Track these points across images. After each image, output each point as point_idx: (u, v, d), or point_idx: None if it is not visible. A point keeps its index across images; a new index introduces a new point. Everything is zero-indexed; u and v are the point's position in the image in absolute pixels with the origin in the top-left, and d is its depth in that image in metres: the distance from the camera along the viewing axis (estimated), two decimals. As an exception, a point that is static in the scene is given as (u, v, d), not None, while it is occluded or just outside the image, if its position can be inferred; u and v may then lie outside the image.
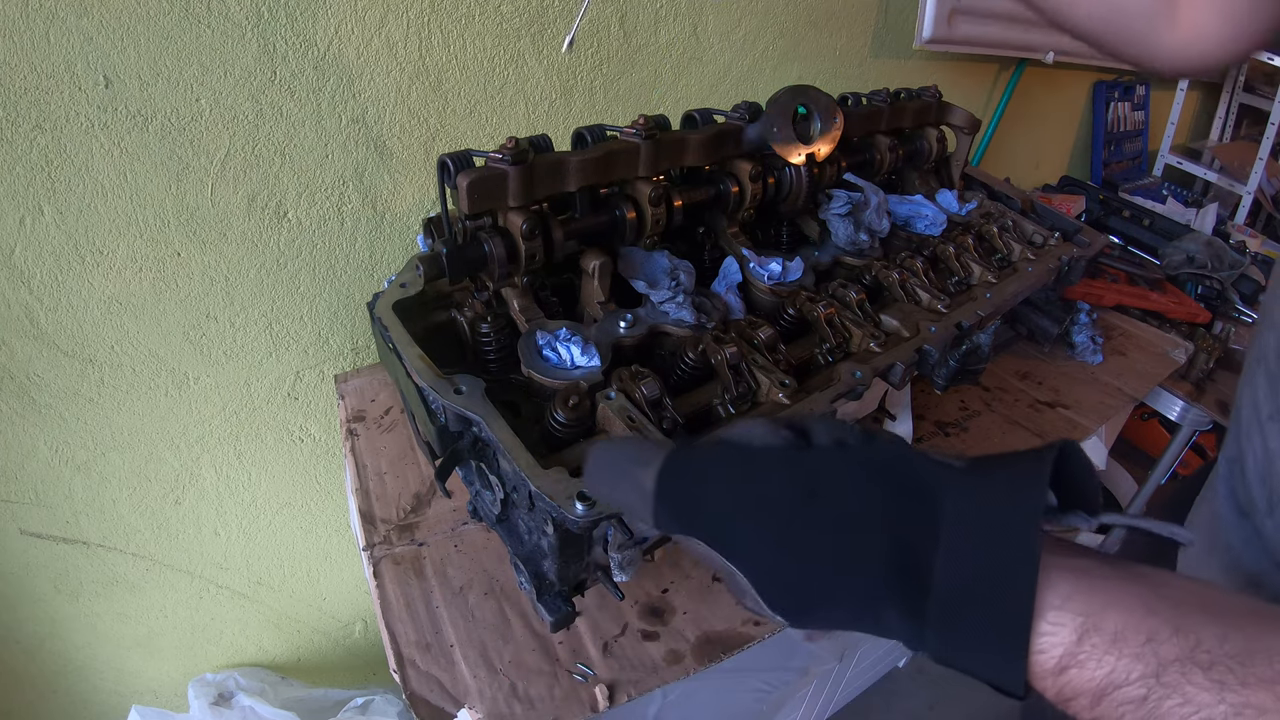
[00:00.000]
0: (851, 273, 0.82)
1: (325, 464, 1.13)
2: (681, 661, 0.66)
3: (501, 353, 0.65)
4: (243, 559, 1.15)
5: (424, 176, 0.97)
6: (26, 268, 0.78)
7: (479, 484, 0.64)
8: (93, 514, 0.98)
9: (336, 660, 1.36)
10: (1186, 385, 1.22)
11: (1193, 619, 0.24)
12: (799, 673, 0.98)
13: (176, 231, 0.84)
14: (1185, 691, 0.23)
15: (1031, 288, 0.87)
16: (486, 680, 0.63)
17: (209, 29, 0.76)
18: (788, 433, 0.33)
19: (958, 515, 0.27)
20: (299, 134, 0.86)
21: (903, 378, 0.69)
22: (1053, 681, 0.25)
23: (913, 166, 1.00)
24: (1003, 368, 1.10)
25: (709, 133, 0.73)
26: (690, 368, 0.64)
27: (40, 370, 0.84)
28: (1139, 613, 0.24)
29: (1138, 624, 0.24)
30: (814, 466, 0.31)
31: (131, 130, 0.77)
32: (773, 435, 0.33)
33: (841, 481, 0.30)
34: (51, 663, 1.08)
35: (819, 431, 0.33)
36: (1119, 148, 2.19)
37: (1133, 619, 0.24)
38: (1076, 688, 0.24)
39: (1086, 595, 0.25)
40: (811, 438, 0.33)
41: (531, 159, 0.62)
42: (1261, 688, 0.22)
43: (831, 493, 0.29)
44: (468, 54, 0.92)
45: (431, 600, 0.70)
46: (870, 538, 0.28)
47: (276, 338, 0.98)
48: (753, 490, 0.31)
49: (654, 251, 0.73)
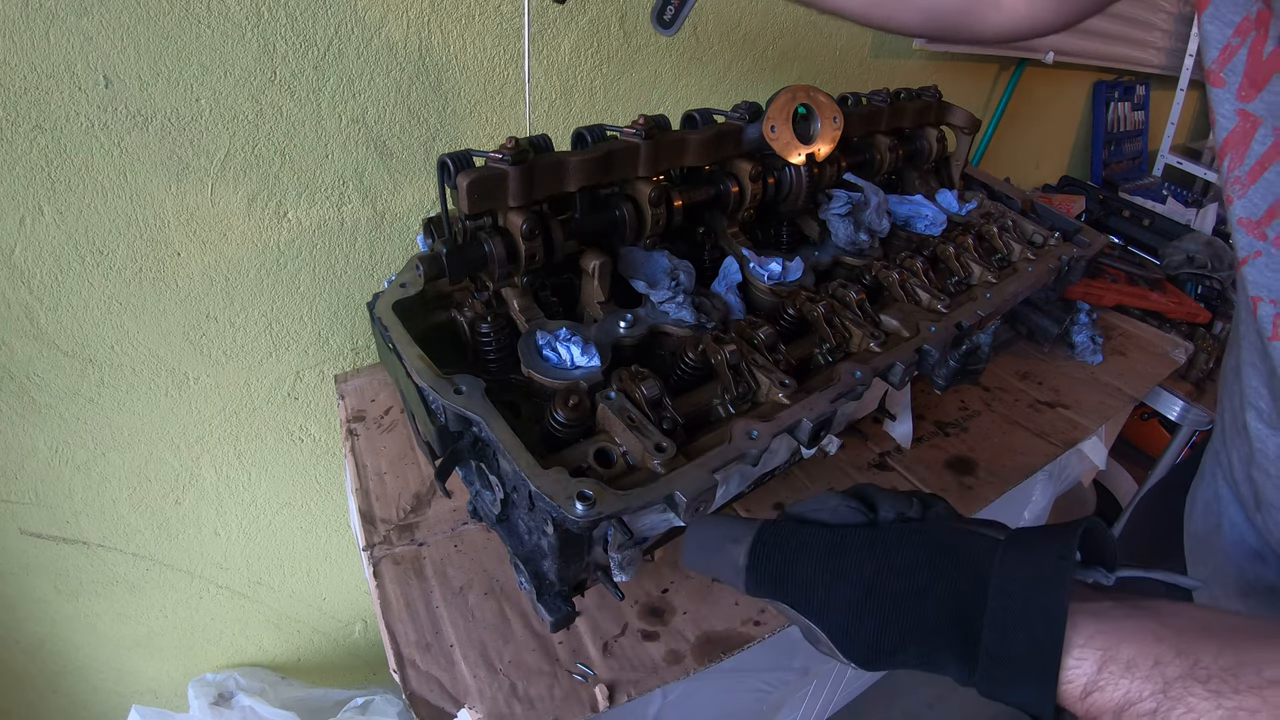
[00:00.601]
0: (851, 273, 0.82)
1: (325, 464, 1.13)
2: (681, 661, 0.66)
3: (501, 353, 0.65)
4: (243, 559, 1.15)
5: (424, 176, 0.97)
6: (26, 268, 0.78)
7: (479, 484, 0.64)
8: (93, 514, 0.98)
9: (336, 660, 1.36)
10: (1186, 385, 1.22)
11: (1193, 641, 0.29)
12: (799, 673, 0.98)
13: (176, 231, 0.84)
14: (1188, 702, 0.28)
15: (1031, 288, 0.87)
16: (486, 680, 0.63)
17: (209, 29, 0.76)
18: (857, 504, 0.39)
19: (1002, 583, 0.33)
20: (299, 134, 0.86)
21: (903, 378, 0.69)
22: (1079, 705, 0.31)
23: (913, 166, 1.00)
24: (1003, 368, 1.10)
25: (709, 133, 0.73)
26: (690, 368, 0.64)
27: (40, 370, 0.84)
28: (1148, 642, 0.30)
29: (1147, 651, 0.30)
30: (883, 545, 0.37)
31: (131, 130, 0.77)
32: (844, 509, 0.39)
33: (906, 558, 0.36)
34: (51, 663, 1.08)
35: (883, 504, 0.39)
36: (1119, 148, 2.19)
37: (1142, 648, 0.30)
38: (1100, 708, 0.31)
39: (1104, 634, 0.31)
40: (877, 510, 0.39)
41: (531, 159, 0.62)
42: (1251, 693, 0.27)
43: (899, 568, 0.36)
44: (468, 54, 0.92)
45: (431, 600, 0.70)
46: (931, 604, 0.34)
47: (276, 338, 0.98)
48: (833, 565, 0.37)
49: (654, 251, 0.73)
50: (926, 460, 0.91)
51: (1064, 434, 0.97)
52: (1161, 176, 2.23)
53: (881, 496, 0.40)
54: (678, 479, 0.52)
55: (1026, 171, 2.01)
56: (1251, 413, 0.63)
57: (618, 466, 0.54)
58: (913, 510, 0.39)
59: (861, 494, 0.40)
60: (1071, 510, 1.74)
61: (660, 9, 0.65)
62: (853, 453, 0.91)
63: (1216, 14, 0.54)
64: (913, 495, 0.40)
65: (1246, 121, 0.53)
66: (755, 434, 0.57)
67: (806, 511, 0.40)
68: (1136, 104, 2.19)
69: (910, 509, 0.39)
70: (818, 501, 0.40)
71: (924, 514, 0.39)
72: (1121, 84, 2.11)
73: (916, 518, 0.39)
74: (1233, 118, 0.54)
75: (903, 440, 0.92)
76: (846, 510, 0.39)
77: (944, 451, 0.93)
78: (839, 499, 0.40)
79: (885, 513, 0.39)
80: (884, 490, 0.40)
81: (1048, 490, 1.13)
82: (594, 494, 0.49)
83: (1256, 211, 0.54)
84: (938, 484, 0.87)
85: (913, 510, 0.39)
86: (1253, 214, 0.54)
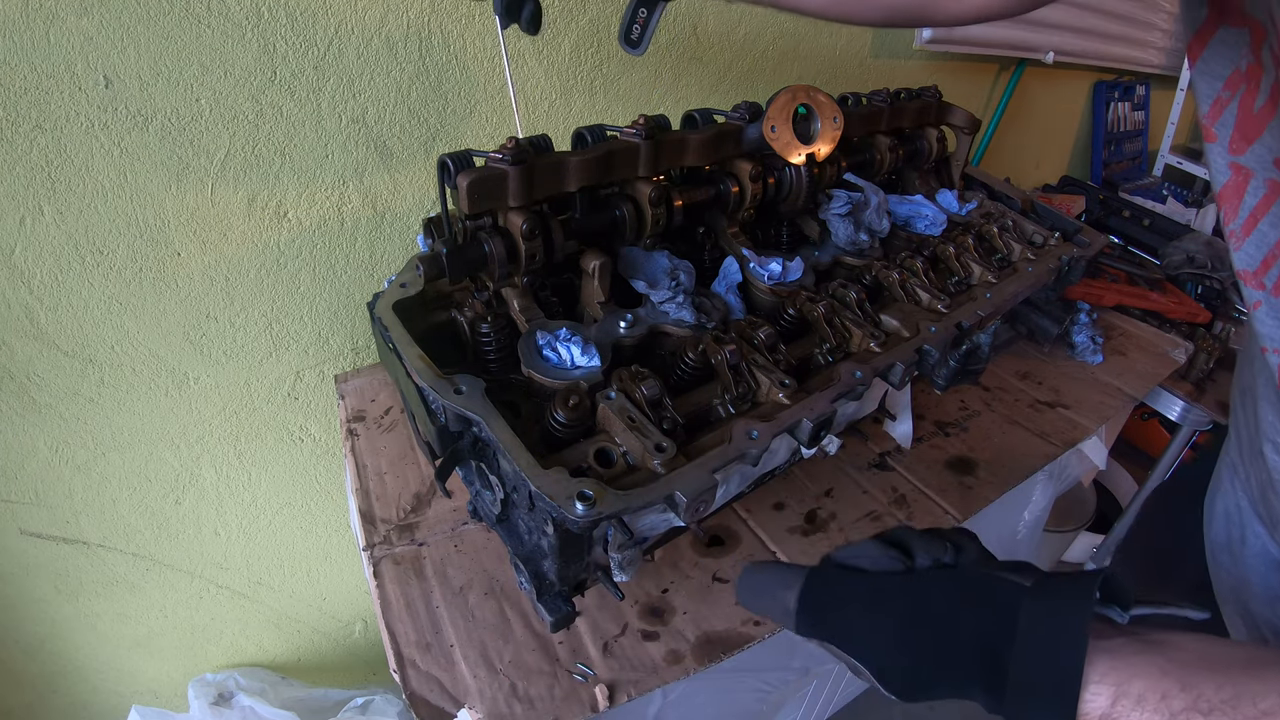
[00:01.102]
0: (851, 273, 0.82)
1: (325, 464, 1.13)
2: (681, 661, 0.66)
3: (501, 353, 0.65)
4: (243, 559, 1.15)
5: (424, 176, 0.97)
6: (26, 268, 0.78)
7: (479, 484, 0.64)
8: (93, 514, 0.98)
9: (336, 660, 1.36)
10: (1186, 385, 1.22)
11: (1196, 675, 0.33)
12: (799, 673, 0.98)
13: (176, 231, 0.84)
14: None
15: (1031, 288, 0.87)
16: (486, 680, 0.63)
17: (209, 29, 0.76)
18: (895, 552, 0.43)
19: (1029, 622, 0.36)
20: (299, 134, 0.86)
21: (903, 378, 0.69)
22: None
23: (913, 166, 1.00)
24: (1003, 368, 1.10)
25: (709, 133, 0.73)
26: (690, 368, 0.64)
27: (40, 370, 0.84)
28: (1155, 677, 0.34)
29: (1154, 686, 0.33)
30: (919, 591, 0.41)
31: (131, 130, 0.77)
32: (884, 559, 0.42)
33: (941, 602, 0.40)
34: (51, 663, 1.08)
35: (919, 551, 0.43)
36: (1119, 148, 2.19)
37: (1151, 683, 0.33)
38: None
39: (1117, 670, 0.34)
40: (914, 555, 0.43)
41: (531, 159, 0.62)
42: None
43: (934, 612, 0.40)
44: (468, 54, 0.92)
45: (431, 600, 0.70)
46: (964, 642, 0.38)
47: (276, 338, 0.98)
48: (874, 610, 0.41)
49: (654, 251, 0.73)
50: (926, 460, 0.91)
51: (1064, 434, 0.97)
52: (1161, 176, 2.23)
53: (917, 542, 0.43)
54: (678, 479, 0.52)
55: (1026, 171, 2.01)
56: (1269, 445, 0.65)
57: (618, 466, 0.54)
58: (946, 555, 0.43)
59: (899, 540, 0.44)
60: (1072, 510, 1.74)
61: (626, 29, 0.65)
62: (853, 453, 0.91)
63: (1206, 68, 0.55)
64: (946, 539, 0.43)
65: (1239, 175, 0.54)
66: (755, 434, 0.57)
67: (849, 558, 0.44)
68: (1136, 104, 2.19)
69: (944, 554, 0.43)
70: (860, 549, 0.44)
71: (956, 558, 0.43)
72: (1121, 84, 2.11)
73: (950, 563, 0.42)
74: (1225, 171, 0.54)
75: (903, 440, 0.92)
76: (886, 559, 0.43)
77: (944, 451, 0.93)
78: (879, 548, 0.43)
79: (921, 559, 0.43)
80: (919, 534, 0.44)
81: (1048, 490, 1.13)
82: (594, 494, 0.49)
83: (1253, 262, 0.55)
84: (938, 484, 0.87)
85: (946, 555, 0.43)
86: (1250, 265, 0.55)
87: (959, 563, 0.42)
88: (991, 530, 1.11)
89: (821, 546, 0.78)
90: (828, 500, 0.84)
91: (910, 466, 0.89)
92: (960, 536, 0.44)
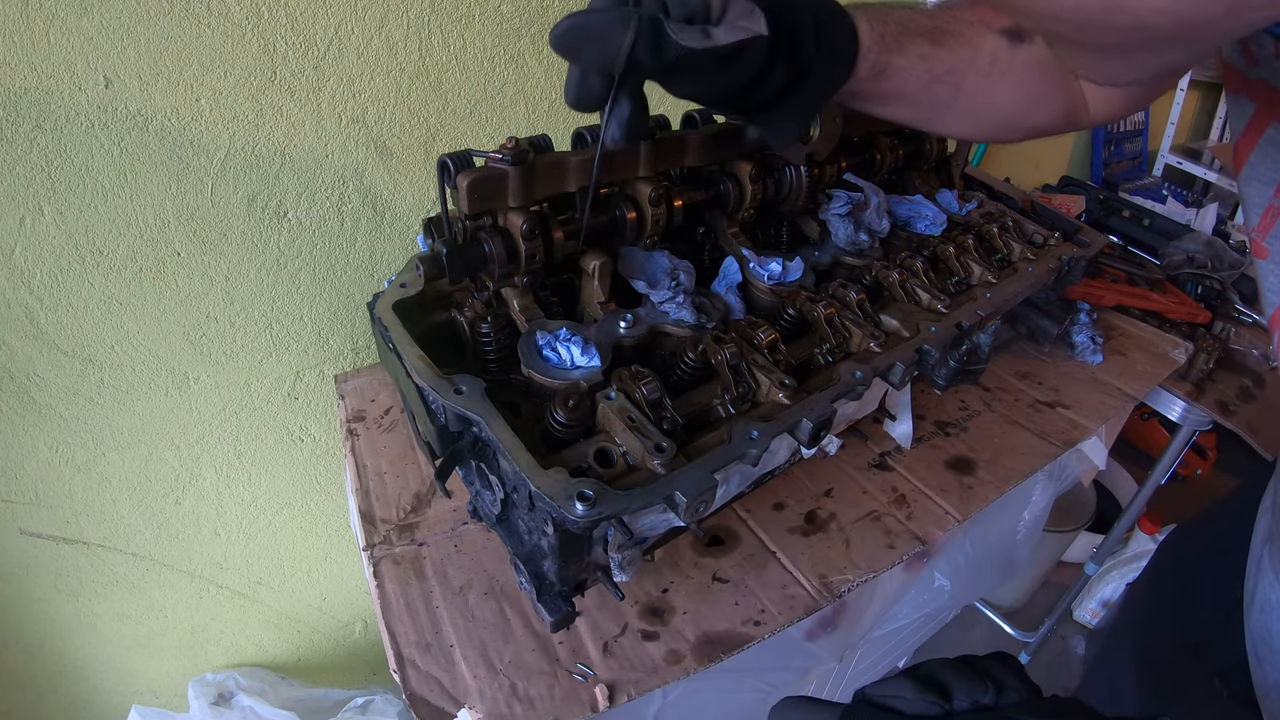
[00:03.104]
0: (851, 273, 0.82)
1: (325, 464, 1.13)
2: (681, 661, 0.66)
3: (501, 353, 0.65)
4: (243, 559, 1.15)
5: (424, 176, 0.98)
6: (26, 268, 0.78)
7: (479, 484, 0.64)
8: (93, 514, 0.98)
9: (336, 660, 1.36)
10: (1186, 385, 1.21)
11: None
12: (799, 673, 0.98)
13: (176, 231, 0.84)
14: None
15: (1031, 288, 0.87)
16: (486, 680, 0.63)
17: (209, 29, 0.76)
18: (932, 696, 0.42)
19: None
20: (299, 134, 0.86)
21: (903, 378, 0.69)
22: None
23: (913, 167, 1.00)
24: (1003, 368, 1.10)
25: (709, 133, 0.73)
26: (690, 368, 0.64)
27: (40, 370, 0.84)
28: None
29: None
30: None
31: (131, 130, 0.77)
32: (920, 702, 0.42)
33: None
34: (51, 663, 1.08)
35: (958, 692, 0.42)
36: (1119, 148, 2.19)
37: None
38: None
39: None
40: (952, 697, 0.42)
41: (531, 159, 0.62)
42: None
43: None
44: (468, 54, 0.92)
45: (431, 600, 0.70)
46: None
47: (276, 338, 0.98)
48: None
49: (654, 251, 0.73)
50: (926, 460, 0.91)
51: (1064, 434, 0.97)
52: (1161, 176, 2.23)
53: (956, 683, 0.42)
54: (678, 479, 0.52)
55: (1026, 171, 2.01)
56: None
57: (618, 466, 0.54)
58: (987, 696, 0.41)
59: (936, 679, 0.43)
60: (1072, 510, 1.74)
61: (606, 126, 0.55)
62: (853, 453, 0.91)
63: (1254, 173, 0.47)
64: (988, 675, 0.42)
65: None
66: (755, 434, 0.57)
67: (884, 697, 0.43)
68: (1137, 104, 2.19)
69: (984, 694, 0.41)
70: (895, 687, 0.43)
71: (997, 698, 0.41)
72: (1121, 84, 2.10)
73: (990, 704, 0.41)
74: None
75: (903, 440, 0.92)
76: (922, 703, 0.41)
77: (944, 451, 0.93)
78: (915, 690, 0.42)
79: (960, 701, 0.41)
80: (958, 672, 0.43)
81: (1048, 490, 1.13)
82: (594, 494, 0.49)
83: None
84: (938, 484, 0.87)
85: (987, 696, 0.41)
86: None
87: (999, 704, 0.41)
88: (991, 530, 1.11)
89: (821, 546, 0.78)
90: (828, 500, 0.84)
91: (910, 466, 0.89)
92: (1003, 671, 0.43)
